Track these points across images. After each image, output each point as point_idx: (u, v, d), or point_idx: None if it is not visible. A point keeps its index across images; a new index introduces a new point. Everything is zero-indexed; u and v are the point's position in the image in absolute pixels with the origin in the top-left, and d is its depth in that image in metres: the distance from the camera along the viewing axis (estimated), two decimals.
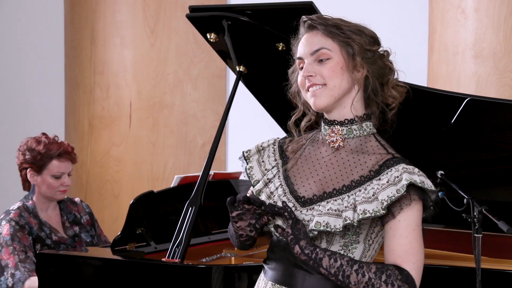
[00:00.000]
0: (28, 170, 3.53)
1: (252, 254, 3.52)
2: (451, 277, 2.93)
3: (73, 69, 5.29)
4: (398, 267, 1.91)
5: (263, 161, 2.10)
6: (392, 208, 1.92)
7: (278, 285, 2.01)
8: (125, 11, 5.12)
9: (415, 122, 2.95)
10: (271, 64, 3.24)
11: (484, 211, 2.58)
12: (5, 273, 3.37)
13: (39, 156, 3.51)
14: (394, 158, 1.98)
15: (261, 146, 2.13)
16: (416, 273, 1.92)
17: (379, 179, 1.95)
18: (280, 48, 3.08)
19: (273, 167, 2.08)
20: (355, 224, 1.91)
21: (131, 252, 3.26)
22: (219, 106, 5.14)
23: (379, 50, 2.05)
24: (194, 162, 5.13)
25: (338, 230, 1.91)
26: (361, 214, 1.90)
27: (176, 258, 2.97)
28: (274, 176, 2.07)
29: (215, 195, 3.81)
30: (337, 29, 2.00)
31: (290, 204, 2.00)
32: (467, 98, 2.95)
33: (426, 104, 2.96)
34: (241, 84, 3.31)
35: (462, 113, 2.97)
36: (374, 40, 2.05)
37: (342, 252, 1.96)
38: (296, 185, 2.03)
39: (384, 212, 1.90)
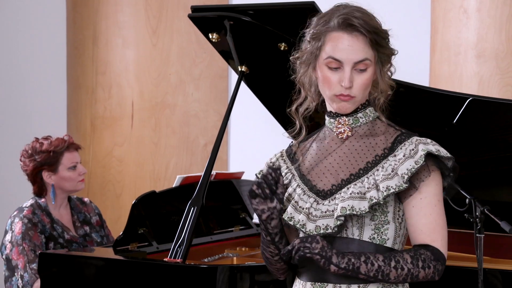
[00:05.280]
0: (43, 172, 3.50)
1: (253, 254, 3.52)
2: (453, 277, 2.92)
3: (75, 69, 5.29)
4: (429, 248, 1.96)
5: None
6: (413, 181, 1.94)
7: (319, 284, 2.01)
8: (127, 11, 5.12)
9: (417, 122, 2.95)
10: (273, 64, 3.24)
11: (486, 211, 2.58)
12: (15, 273, 3.37)
13: (50, 154, 3.49)
14: (404, 133, 2.01)
15: (270, 162, 2.13)
16: (444, 249, 1.99)
17: (394, 155, 1.97)
18: (282, 48, 3.08)
19: (286, 174, 2.08)
20: (381, 202, 1.93)
21: (133, 252, 3.27)
22: (221, 106, 5.14)
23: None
24: (196, 162, 5.13)
25: (364, 211, 1.93)
26: (385, 191, 1.93)
27: (178, 258, 2.97)
28: (290, 180, 2.06)
29: (217, 195, 3.81)
30: (378, 38, 1.97)
31: (311, 200, 2.00)
32: (469, 98, 2.95)
33: (428, 104, 2.96)
34: (243, 84, 3.32)
35: (464, 113, 2.96)
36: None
37: (375, 235, 1.97)
38: (314, 181, 2.03)
39: (406, 185, 1.92)
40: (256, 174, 2.12)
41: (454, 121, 3.00)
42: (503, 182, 3.26)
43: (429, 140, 1.98)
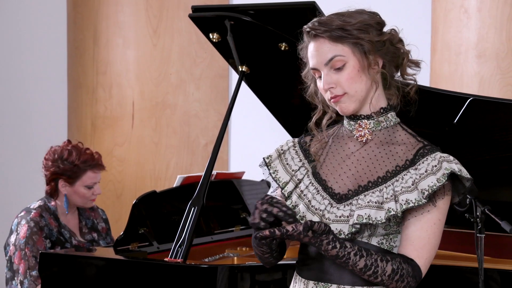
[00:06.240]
0: (60, 180, 3.48)
1: (254, 254, 3.51)
2: (454, 277, 2.93)
3: (75, 69, 5.29)
4: (411, 263, 1.94)
5: (287, 164, 2.08)
6: (431, 197, 1.93)
7: (322, 284, 2.00)
8: (128, 11, 5.12)
9: (418, 122, 2.95)
10: (273, 64, 3.25)
11: (487, 211, 2.58)
12: (15, 278, 3.35)
13: (75, 168, 3.46)
14: (426, 146, 2.00)
15: (281, 149, 2.10)
16: (425, 268, 1.96)
17: (416, 169, 1.96)
18: (282, 48, 3.08)
19: (300, 168, 2.06)
20: (399, 215, 1.92)
21: (134, 252, 3.27)
22: (222, 106, 5.14)
23: (387, 35, 2.02)
24: (197, 162, 5.14)
25: (380, 222, 1.92)
26: (404, 204, 1.92)
27: (178, 258, 2.97)
28: (304, 176, 2.05)
29: (218, 195, 3.81)
30: (343, 32, 1.97)
31: (326, 202, 1.99)
32: (470, 98, 2.95)
33: (428, 104, 2.95)
34: (243, 84, 3.32)
35: (465, 113, 2.96)
36: (380, 25, 2.02)
37: (383, 241, 1.97)
38: (329, 182, 2.02)
39: (425, 201, 1.92)
40: (264, 158, 2.10)
41: (455, 121, 3.00)
42: (504, 182, 3.26)
43: (451, 158, 1.97)
